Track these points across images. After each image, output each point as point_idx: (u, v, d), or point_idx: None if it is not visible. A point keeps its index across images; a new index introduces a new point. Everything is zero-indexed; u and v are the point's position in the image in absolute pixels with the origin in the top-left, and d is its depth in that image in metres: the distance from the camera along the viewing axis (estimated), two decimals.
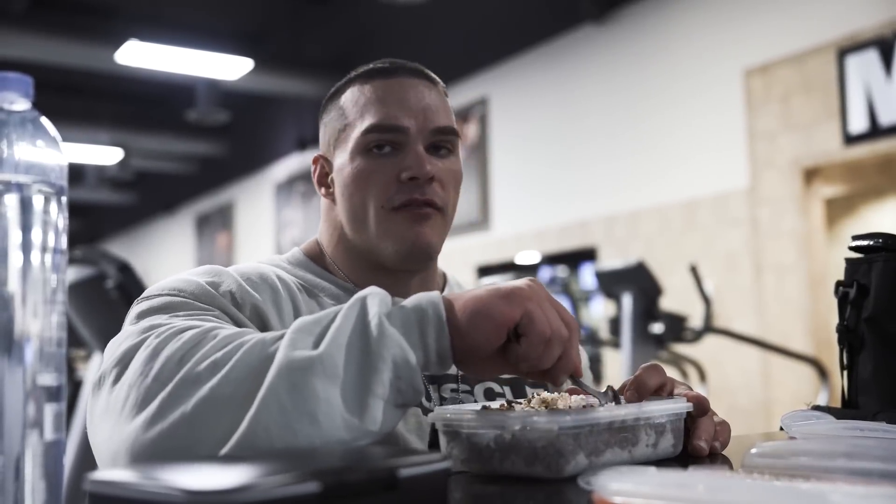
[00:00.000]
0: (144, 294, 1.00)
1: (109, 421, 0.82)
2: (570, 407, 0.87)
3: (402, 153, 1.11)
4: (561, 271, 7.63)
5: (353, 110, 1.15)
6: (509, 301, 0.81)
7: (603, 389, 0.93)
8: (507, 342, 0.83)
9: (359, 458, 0.66)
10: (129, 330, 0.90)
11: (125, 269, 2.71)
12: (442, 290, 1.24)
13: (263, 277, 1.06)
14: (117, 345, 0.89)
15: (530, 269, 7.63)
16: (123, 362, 0.85)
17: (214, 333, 0.84)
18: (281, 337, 0.81)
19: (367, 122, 1.12)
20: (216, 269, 1.05)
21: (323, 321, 0.81)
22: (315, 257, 1.20)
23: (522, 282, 0.84)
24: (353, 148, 1.13)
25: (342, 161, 1.15)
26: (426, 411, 1.06)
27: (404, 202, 1.10)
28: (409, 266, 1.14)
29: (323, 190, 1.20)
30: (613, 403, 0.90)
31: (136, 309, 0.97)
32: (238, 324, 0.98)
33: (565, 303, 8.00)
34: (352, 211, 1.13)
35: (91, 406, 0.87)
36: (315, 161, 1.22)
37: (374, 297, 0.82)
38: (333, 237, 1.19)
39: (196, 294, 0.98)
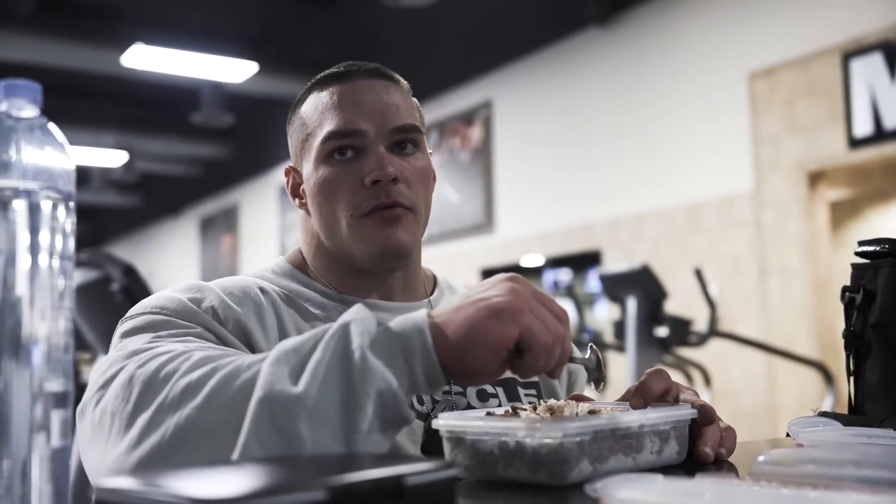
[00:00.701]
0: (129, 312, 1.00)
1: (96, 447, 0.83)
2: (576, 414, 0.86)
3: (363, 157, 1.11)
4: (565, 274, 7.62)
5: (312, 119, 1.14)
6: (503, 320, 0.78)
7: (602, 389, 0.94)
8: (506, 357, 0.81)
9: (365, 466, 0.66)
10: (112, 357, 0.90)
11: (130, 272, 2.70)
12: (431, 292, 1.24)
13: (245, 291, 1.06)
14: (101, 372, 0.89)
15: (534, 272, 7.63)
16: (105, 389, 0.85)
17: (190, 354, 0.84)
18: (258, 361, 0.79)
19: (325, 129, 1.12)
20: (198, 284, 1.05)
21: (302, 350, 0.79)
22: (299, 266, 1.20)
23: (507, 288, 0.81)
24: (316, 156, 1.13)
25: (308, 171, 1.15)
26: (418, 414, 1.06)
27: (372, 207, 1.09)
28: (385, 267, 1.14)
29: (297, 201, 1.20)
30: (597, 368, 0.90)
31: (120, 329, 0.98)
32: (221, 339, 0.98)
33: (569, 306, 8.01)
34: (323, 220, 1.13)
35: (79, 432, 0.88)
36: (287, 173, 1.22)
37: (357, 325, 0.79)
38: (312, 246, 1.19)
39: (178, 311, 0.98)
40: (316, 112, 1.14)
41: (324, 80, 1.16)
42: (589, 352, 0.92)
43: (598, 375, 0.93)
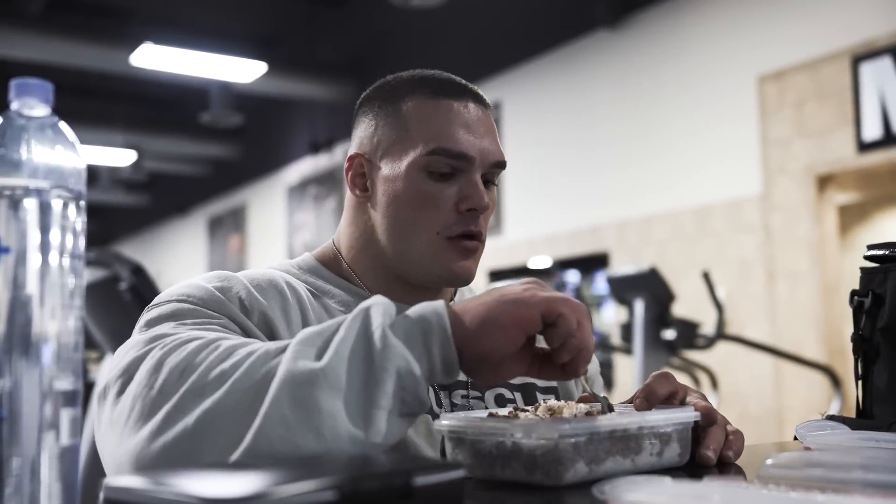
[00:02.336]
0: (155, 300, 1.00)
1: (115, 432, 0.83)
2: (574, 415, 0.87)
3: (460, 181, 1.11)
4: (573, 276, 7.62)
5: (418, 124, 1.11)
6: (519, 306, 0.81)
7: (602, 395, 0.94)
8: (528, 342, 0.83)
9: (374, 466, 0.66)
10: (135, 340, 0.90)
11: (138, 272, 2.71)
12: (452, 298, 1.24)
13: (272, 283, 1.06)
14: (122, 355, 0.89)
15: (542, 274, 7.62)
16: (128, 373, 0.85)
17: (217, 344, 0.84)
18: (284, 348, 0.80)
19: (434, 143, 1.09)
20: (226, 274, 1.05)
21: (326, 332, 0.80)
22: (328, 262, 1.18)
23: (526, 286, 0.84)
24: (412, 164, 1.10)
25: (393, 172, 1.11)
26: (436, 417, 1.06)
27: (459, 233, 1.10)
28: (444, 287, 1.17)
29: (358, 191, 1.16)
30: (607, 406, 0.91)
31: (145, 316, 0.97)
32: (246, 330, 0.98)
33: None
34: (398, 226, 1.11)
35: (97, 416, 0.88)
36: (352, 159, 1.16)
37: (378, 308, 0.81)
38: (359, 241, 1.16)
39: (205, 300, 0.98)
40: (424, 120, 1.11)
41: (436, 89, 1.13)
42: (602, 395, 0.94)
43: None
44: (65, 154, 0.64)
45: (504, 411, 0.91)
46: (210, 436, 0.76)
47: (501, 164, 1.15)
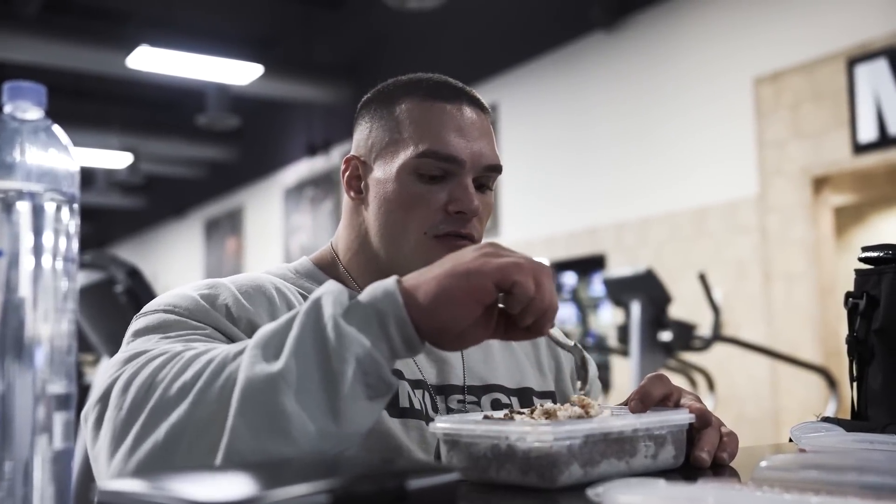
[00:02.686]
0: (143, 309, 1.01)
1: (100, 458, 0.84)
2: (568, 418, 0.87)
3: (451, 183, 1.11)
4: (570, 278, 7.62)
5: (410, 127, 1.12)
6: (470, 277, 0.79)
7: (583, 389, 0.94)
8: (489, 308, 0.81)
9: (368, 470, 0.66)
10: (115, 359, 0.91)
11: (134, 274, 2.71)
12: None
13: (261, 289, 1.06)
14: (102, 376, 0.90)
15: None
16: (104, 400, 0.86)
17: (181, 356, 0.84)
18: (242, 351, 0.80)
19: (425, 145, 1.10)
20: (214, 282, 1.05)
21: (281, 331, 0.80)
22: (325, 266, 1.18)
23: (479, 252, 0.82)
24: (403, 166, 1.10)
25: (386, 174, 1.12)
26: (431, 421, 1.06)
27: (447, 232, 1.10)
28: None
29: (353, 193, 1.17)
30: (580, 360, 0.90)
31: (133, 325, 0.98)
32: (232, 339, 0.98)
33: (573, 311, 8.01)
34: (388, 228, 1.12)
35: (85, 439, 0.89)
36: (347, 161, 1.17)
37: (328, 297, 0.80)
38: (355, 243, 1.17)
39: (191, 310, 0.98)
40: (416, 122, 1.12)
41: (430, 92, 1.14)
42: (574, 343, 0.93)
43: (583, 374, 0.93)
44: (58, 157, 0.64)
45: (499, 414, 0.91)
46: (182, 448, 0.77)
47: (496, 168, 1.14)
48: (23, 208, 0.62)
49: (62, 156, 0.64)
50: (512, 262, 0.80)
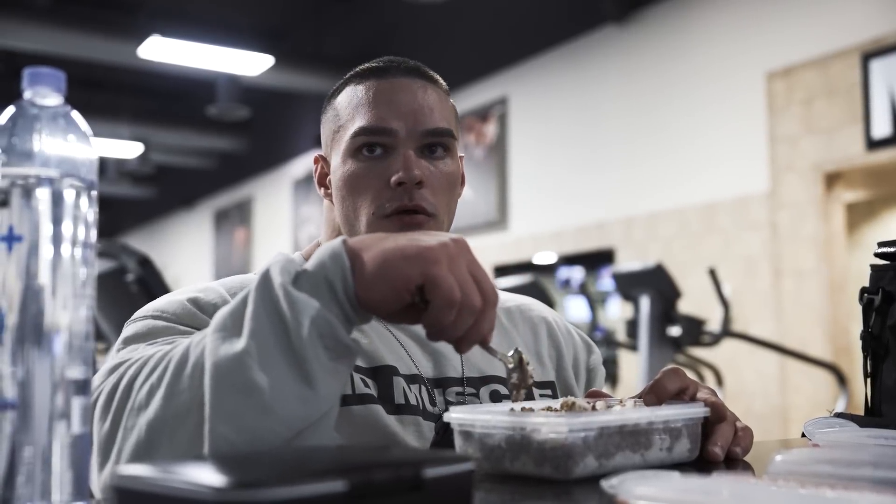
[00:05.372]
0: (133, 315, 1.02)
1: (92, 471, 0.85)
2: (586, 409, 0.87)
3: (392, 156, 1.10)
4: (578, 272, 7.61)
5: (345, 111, 1.14)
6: (410, 263, 0.77)
7: (520, 399, 0.91)
8: (416, 304, 0.80)
9: (384, 458, 0.66)
10: (102, 370, 0.92)
11: (145, 263, 2.72)
12: None
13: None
14: (91, 389, 0.91)
15: (547, 270, 7.62)
16: (92, 410, 0.88)
17: (150, 357, 0.86)
18: (203, 337, 0.81)
19: (357, 124, 1.11)
20: (205, 286, 1.07)
21: (237, 310, 0.80)
22: None
23: (439, 240, 0.79)
24: (345, 150, 1.12)
25: (336, 163, 1.14)
26: (429, 416, 1.06)
27: (394, 210, 1.08)
28: None
29: (322, 190, 1.21)
30: (517, 370, 0.88)
31: (125, 331, 1.00)
32: None
33: (583, 304, 7.99)
34: (345, 214, 1.13)
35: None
36: (316, 161, 1.22)
37: (276, 267, 0.80)
38: (330, 237, 1.20)
39: (178, 315, 1.00)
40: (350, 105, 1.14)
41: (362, 74, 1.16)
42: (513, 351, 0.89)
43: (516, 381, 0.88)
44: (77, 144, 0.64)
45: (518, 406, 0.90)
46: (164, 440, 0.79)
47: (440, 132, 1.12)
48: (42, 195, 0.62)
49: (81, 142, 0.65)
50: (448, 283, 0.77)
